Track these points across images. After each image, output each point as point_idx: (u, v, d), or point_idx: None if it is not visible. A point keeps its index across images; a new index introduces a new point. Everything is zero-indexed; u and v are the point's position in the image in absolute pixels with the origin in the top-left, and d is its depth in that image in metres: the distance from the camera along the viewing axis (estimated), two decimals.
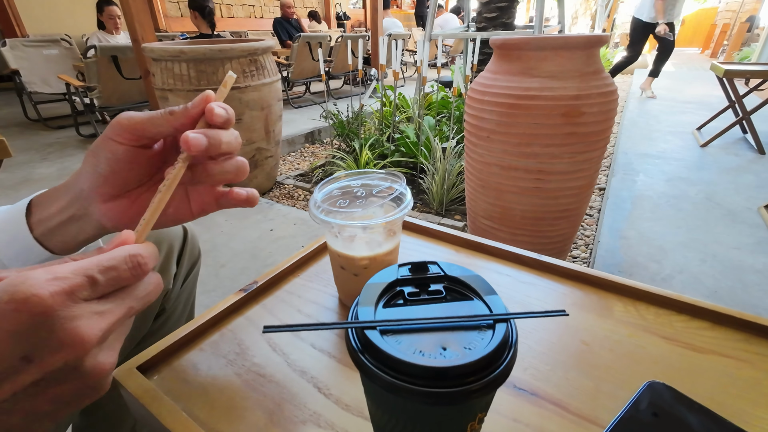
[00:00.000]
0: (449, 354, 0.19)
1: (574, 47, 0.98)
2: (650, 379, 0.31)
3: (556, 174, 1.06)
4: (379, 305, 0.23)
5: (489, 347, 0.19)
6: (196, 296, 0.63)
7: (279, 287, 0.44)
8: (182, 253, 0.54)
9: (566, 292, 0.43)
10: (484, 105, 1.09)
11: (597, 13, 6.82)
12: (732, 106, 2.76)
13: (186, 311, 0.60)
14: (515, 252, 0.48)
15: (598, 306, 0.40)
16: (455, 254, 0.50)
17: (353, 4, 8.77)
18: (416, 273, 0.25)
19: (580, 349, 0.35)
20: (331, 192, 0.39)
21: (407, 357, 0.19)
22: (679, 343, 0.35)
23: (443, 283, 0.24)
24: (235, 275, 1.40)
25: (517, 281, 0.45)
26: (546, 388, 0.32)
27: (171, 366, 0.34)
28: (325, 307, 0.41)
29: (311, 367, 0.34)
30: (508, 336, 0.21)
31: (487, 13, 2.61)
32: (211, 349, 0.36)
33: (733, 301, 1.20)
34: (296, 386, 0.32)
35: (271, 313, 0.40)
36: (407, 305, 0.23)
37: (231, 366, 0.34)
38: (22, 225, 0.30)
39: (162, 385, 0.32)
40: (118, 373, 0.32)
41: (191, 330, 0.37)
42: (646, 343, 0.36)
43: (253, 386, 0.32)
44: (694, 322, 0.38)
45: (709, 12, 11.70)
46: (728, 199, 1.86)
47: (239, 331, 0.38)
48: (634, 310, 0.40)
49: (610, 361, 0.34)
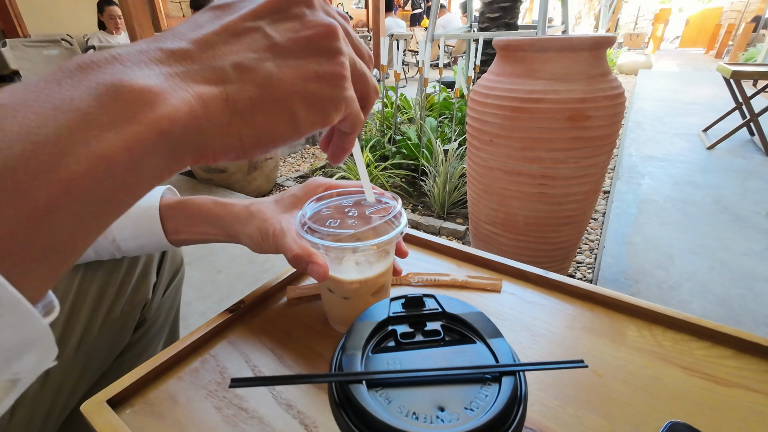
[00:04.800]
0: (447, 417, 0.16)
1: (580, 48, 0.95)
2: (671, 419, 0.28)
3: (561, 179, 1.03)
4: (367, 349, 0.20)
5: (494, 409, 0.16)
6: (189, 303, 0.61)
7: (267, 307, 0.41)
8: (162, 261, 0.51)
9: (575, 314, 0.40)
10: (487, 108, 1.06)
11: (601, 13, 6.77)
12: (739, 107, 2.72)
13: (169, 321, 0.58)
14: (520, 268, 0.45)
15: (610, 330, 0.37)
16: (456, 268, 0.47)
17: (355, 5, 8.75)
18: (410, 309, 0.22)
19: (592, 381, 0.32)
20: (320, 210, 0.36)
21: (397, 422, 0.16)
22: (701, 374, 0.32)
23: (441, 321, 0.21)
24: (231, 281, 1.37)
25: (522, 300, 0.42)
26: (555, 427, 0.29)
27: (145, 398, 0.31)
28: (315, 330, 0.38)
29: (298, 399, 0.31)
30: (517, 391, 0.18)
31: (490, 13, 2.58)
32: (191, 379, 0.33)
33: (743, 310, 1.16)
34: (281, 422, 0.29)
35: (257, 336, 0.37)
36: (400, 350, 0.20)
37: (211, 398, 0.31)
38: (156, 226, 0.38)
39: (134, 421, 0.29)
40: (86, 408, 0.29)
41: (170, 356, 0.34)
42: (663, 374, 0.33)
43: (234, 422, 0.30)
44: (715, 349, 0.35)
45: (714, 12, 11.62)
46: (736, 203, 1.82)
47: (222, 357, 0.35)
48: (650, 334, 0.37)
49: (625, 396, 0.31)
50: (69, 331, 0.41)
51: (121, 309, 0.45)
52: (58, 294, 0.40)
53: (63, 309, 0.41)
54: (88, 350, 0.43)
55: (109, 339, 0.45)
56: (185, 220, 0.39)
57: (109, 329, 0.45)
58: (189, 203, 0.39)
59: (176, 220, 0.39)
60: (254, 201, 0.38)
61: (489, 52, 2.70)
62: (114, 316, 0.45)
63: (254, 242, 0.36)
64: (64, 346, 0.41)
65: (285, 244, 0.33)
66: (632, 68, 6.71)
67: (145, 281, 0.48)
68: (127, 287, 0.45)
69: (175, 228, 0.39)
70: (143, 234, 0.39)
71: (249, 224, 0.36)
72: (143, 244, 0.39)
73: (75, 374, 0.42)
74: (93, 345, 0.43)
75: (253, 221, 0.36)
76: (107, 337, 0.45)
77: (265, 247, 0.36)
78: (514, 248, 1.18)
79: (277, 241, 0.34)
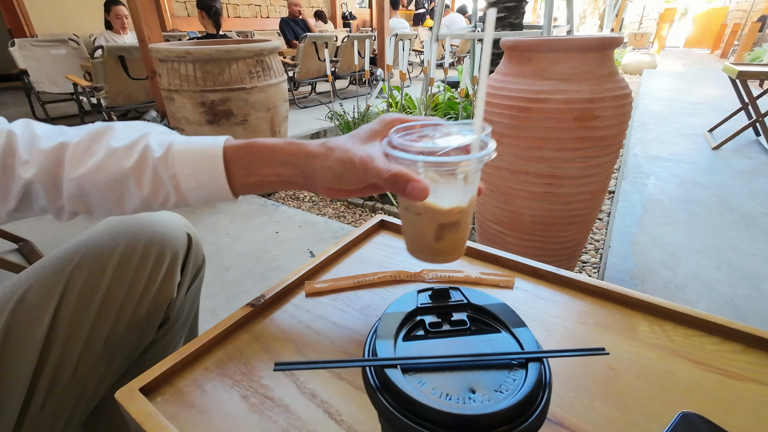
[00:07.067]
0: (478, 398, 0.17)
1: (588, 49, 0.96)
2: (683, 410, 0.29)
3: (568, 179, 1.04)
4: (398, 338, 0.21)
5: (523, 391, 0.17)
6: (199, 301, 0.62)
7: (287, 301, 0.43)
8: (186, 260, 0.53)
9: (587, 310, 0.41)
10: (493, 108, 1.07)
11: (605, 12, 6.75)
12: (745, 108, 2.71)
13: (189, 319, 0.59)
14: (532, 265, 0.46)
15: (622, 325, 0.38)
16: (468, 265, 0.48)
17: (359, 4, 8.75)
18: (437, 300, 0.23)
19: (605, 375, 0.33)
20: (406, 136, 0.33)
21: (433, 402, 0.17)
22: (712, 368, 0.33)
23: (466, 312, 0.22)
24: (239, 279, 1.38)
25: (535, 297, 0.43)
26: (570, 417, 0.30)
27: (175, 387, 0.33)
28: (334, 323, 0.39)
29: (321, 389, 0.32)
30: (542, 376, 0.19)
31: None
32: (217, 369, 0.34)
33: (750, 309, 1.16)
34: (306, 412, 0.30)
35: (279, 329, 0.39)
36: (429, 338, 0.21)
37: (237, 387, 0.33)
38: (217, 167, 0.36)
39: (165, 409, 0.31)
40: (120, 395, 0.30)
41: (196, 348, 0.35)
42: (676, 368, 0.33)
43: (261, 410, 0.31)
44: (726, 344, 0.36)
45: (720, 11, 11.54)
46: (741, 203, 1.81)
47: (245, 349, 0.36)
48: (661, 330, 0.38)
49: (639, 388, 0.32)
50: (98, 326, 0.42)
51: (146, 307, 0.46)
52: (88, 292, 0.42)
53: (93, 306, 0.42)
54: (114, 346, 0.44)
55: (135, 336, 0.47)
56: (256, 161, 0.36)
57: (135, 326, 0.46)
58: (259, 143, 0.37)
59: (246, 161, 0.36)
60: (327, 139, 0.36)
61: (494, 51, 2.70)
62: (140, 313, 0.46)
63: (335, 174, 0.34)
64: (93, 341, 0.42)
65: (376, 167, 0.31)
66: (637, 68, 6.68)
67: (171, 280, 0.49)
68: (153, 286, 0.47)
69: (244, 170, 0.36)
70: (202, 171, 0.36)
71: (328, 158, 0.34)
72: (201, 184, 0.36)
73: (101, 369, 0.44)
74: (119, 341, 0.44)
75: (333, 154, 0.34)
76: (133, 334, 0.46)
77: (349, 178, 0.34)
78: (520, 247, 1.19)
79: (366, 166, 0.32)
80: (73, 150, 0.36)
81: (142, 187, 0.36)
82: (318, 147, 0.36)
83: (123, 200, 0.37)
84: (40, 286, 0.41)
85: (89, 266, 0.43)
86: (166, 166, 0.36)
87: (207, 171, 0.36)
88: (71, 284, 0.42)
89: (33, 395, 0.39)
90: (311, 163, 0.35)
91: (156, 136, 0.37)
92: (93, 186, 0.36)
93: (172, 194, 0.37)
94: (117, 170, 0.36)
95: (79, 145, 0.36)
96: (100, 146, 0.36)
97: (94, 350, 0.42)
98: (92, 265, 0.43)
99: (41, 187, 0.36)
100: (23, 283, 0.41)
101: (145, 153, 0.36)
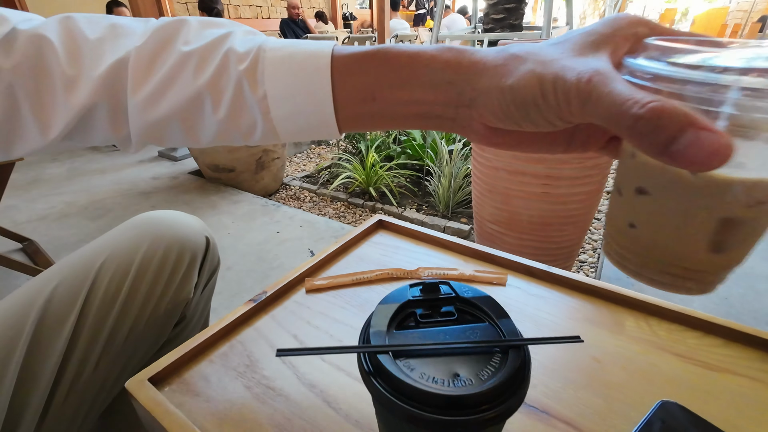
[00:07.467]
0: (462, 381, 0.19)
1: None
2: (663, 399, 0.31)
3: (565, 179, 1.06)
4: (391, 327, 0.23)
5: (502, 375, 0.19)
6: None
7: (287, 297, 0.44)
8: (204, 262, 0.54)
9: (577, 306, 0.42)
10: None
11: (605, 13, 6.76)
12: None
13: (202, 318, 0.61)
14: (524, 263, 0.48)
15: (610, 321, 0.40)
16: (463, 263, 0.50)
17: (360, 5, 8.78)
18: (428, 294, 0.25)
19: (591, 367, 0.35)
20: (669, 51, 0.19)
21: (421, 385, 0.19)
22: (693, 361, 0.35)
23: (454, 304, 0.24)
24: (241, 278, 1.40)
25: (527, 294, 0.44)
26: (556, 406, 0.31)
27: (182, 378, 0.34)
28: (334, 319, 0.41)
29: (320, 380, 0.34)
30: (522, 362, 0.20)
31: (494, 14, 2.60)
32: (221, 361, 0.36)
33: (745, 308, 1.18)
34: (306, 400, 0.32)
35: (280, 324, 0.40)
36: (419, 327, 0.23)
37: (241, 378, 0.34)
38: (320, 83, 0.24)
39: (173, 398, 0.32)
40: (130, 384, 0.32)
41: (201, 341, 0.37)
42: (658, 360, 0.35)
43: (263, 399, 0.32)
44: (707, 339, 0.37)
45: (720, 12, 11.54)
46: None
47: (249, 343, 0.38)
48: (646, 325, 0.39)
49: (622, 379, 0.33)
50: (120, 323, 0.44)
51: (165, 306, 0.48)
52: (112, 290, 0.44)
53: (117, 304, 0.44)
54: (134, 343, 0.46)
55: (153, 333, 0.48)
56: (385, 78, 0.24)
57: (154, 324, 0.47)
58: (394, 51, 0.24)
59: (366, 80, 0.24)
60: (507, 45, 0.23)
61: None
62: (159, 312, 0.47)
63: (518, 101, 0.20)
64: (115, 338, 0.44)
65: (617, 92, 0.17)
66: None
67: (189, 281, 0.50)
68: (172, 286, 0.48)
69: (367, 91, 0.24)
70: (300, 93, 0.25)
71: (510, 73, 0.21)
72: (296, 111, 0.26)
73: (120, 364, 0.45)
74: (139, 338, 0.46)
75: (521, 66, 0.20)
76: (152, 331, 0.48)
77: (546, 108, 0.20)
78: (518, 247, 1.20)
79: (596, 89, 0.17)
80: (135, 59, 0.26)
81: (218, 111, 0.27)
82: (493, 55, 0.22)
83: (196, 129, 0.28)
84: (68, 283, 0.43)
85: (114, 266, 0.45)
86: (254, 82, 0.26)
87: (306, 91, 0.25)
88: (97, 283, 0.44)
89: (57, 387, 0.40)
90: (476, 81, 0.22)
91: (241, 36, 0.27)
92: (158, 110, 0.27)
93: (259, 123, 0.27)
94: (188, 87, 0.26)
95: (142, 51, 0.26)
96: (170, 53, 0.26)
97: (115, 346, 0.44)
98: (117, 265, 0.45)
99: (99, 113, 0.27)
100: (51, 280, 0.43)
101: (226, 62, 0.26)
